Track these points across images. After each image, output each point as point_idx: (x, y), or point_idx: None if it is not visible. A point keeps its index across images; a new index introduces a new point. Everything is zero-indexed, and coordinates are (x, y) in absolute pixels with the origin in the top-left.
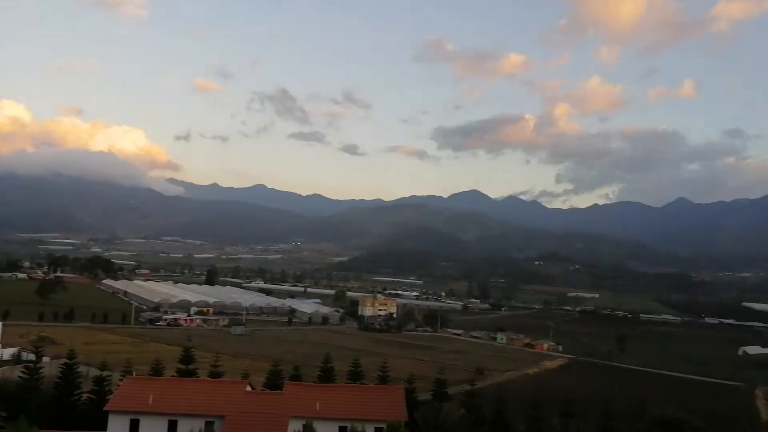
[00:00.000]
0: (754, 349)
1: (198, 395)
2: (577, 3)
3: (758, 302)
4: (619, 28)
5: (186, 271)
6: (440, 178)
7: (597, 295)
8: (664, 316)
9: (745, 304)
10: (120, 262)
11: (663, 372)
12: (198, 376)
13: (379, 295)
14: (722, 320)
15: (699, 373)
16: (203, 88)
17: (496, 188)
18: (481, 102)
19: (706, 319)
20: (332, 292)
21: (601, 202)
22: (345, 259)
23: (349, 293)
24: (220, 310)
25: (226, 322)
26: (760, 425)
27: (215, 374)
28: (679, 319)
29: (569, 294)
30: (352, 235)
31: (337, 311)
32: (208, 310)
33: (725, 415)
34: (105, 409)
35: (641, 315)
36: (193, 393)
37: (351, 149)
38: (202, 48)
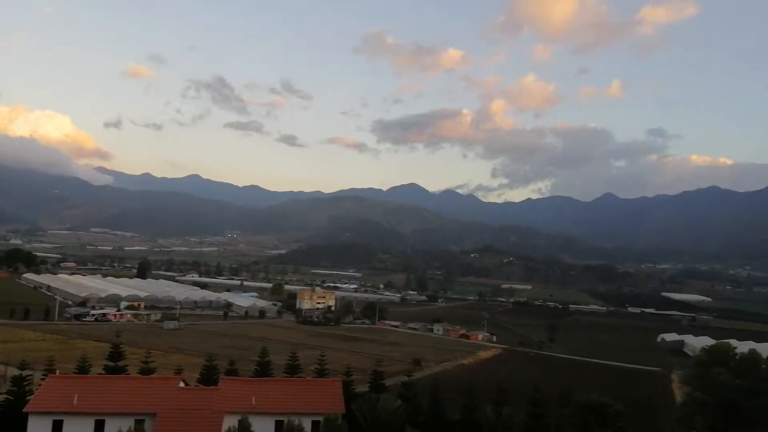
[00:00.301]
0: (671, 336)
1: (127, 393)
2: (513, 0)
3: (676, 292)
4: (553, 27)
5: (116, 264)
6: (379, 171)
7: (530, 287)
8: (592, 306)
9: (664, 294)
10: (43, 254)
11: (590, 360)
12: (128, 374)
13: (317, 288)
14: (644, 309)
15: (623, 360)
16: (135, 73)
17: (433, 182)
18: (421, 96)
19: (629, 309)
20: (269, 285)
21: (534, 196)
22: (283, 251)
23: (286, 286)
24: (153, 304)
25: (158, 316)
26: (674, 407)
27: (146, 371)
28: (605, 308)
29: (503, 285)
30: (290, 228)
31: (275, 305)
32: (139, 305)
33: (645, 398)
34: (25, 410)
35: (570, 305)
36: (122, 391)
37: (290, 140)
38: (134, 31)
